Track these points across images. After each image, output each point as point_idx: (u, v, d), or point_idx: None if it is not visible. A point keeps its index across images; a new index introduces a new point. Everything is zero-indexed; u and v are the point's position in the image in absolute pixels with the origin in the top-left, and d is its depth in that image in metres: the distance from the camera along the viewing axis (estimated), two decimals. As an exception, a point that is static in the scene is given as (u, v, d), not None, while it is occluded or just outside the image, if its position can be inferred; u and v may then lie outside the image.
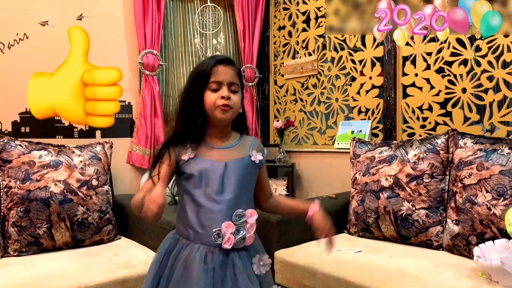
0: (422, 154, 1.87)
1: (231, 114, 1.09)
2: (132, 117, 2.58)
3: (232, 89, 1.09)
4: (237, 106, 1.10)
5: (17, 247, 1.75)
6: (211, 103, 1.06)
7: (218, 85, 1.07)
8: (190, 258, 1.04)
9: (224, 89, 1.07)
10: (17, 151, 1.85)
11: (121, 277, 1.55)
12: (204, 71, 1.07)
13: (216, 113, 1.07)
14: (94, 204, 1.92)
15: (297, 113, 3.00)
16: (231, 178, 1.08)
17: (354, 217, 2.02)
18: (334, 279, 1.54)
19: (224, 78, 1.07)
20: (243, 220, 1.07)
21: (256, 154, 1.14)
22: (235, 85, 1.09)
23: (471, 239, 1.61)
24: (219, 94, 1.06)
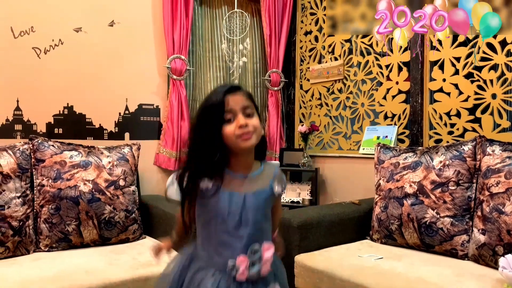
0: (448, 161, 1.83)
1: (255, 139, 1.04)
2: (160, 120, 2.65)
3: (247, 112, 1.03)
4: (258, 129, 1.05)
5: (48, 242, 1.84)
6: (230, 134, 1.01)
7: (232, 115, 1.02)
8: (204, 282, 1.02)
9: (239, 117, 1.01)
10: (50, 151, 1.94)
11: (144, 275, 1.59)
12: (215, 105, 1.02)
13: (239, 144, 1.02)
14: (121, 203, 1.99)
15: (322, 117, 3.00)
16: (250, 211, 1.04)
17: (377, 224, 1.99)
18: (353, 285, 1.53)
19: (236, 105, 1.02)
20: (259, 255, 1.03)
21: (277, 185, 1.10)
22: (249, 109, 1.04)
23: (497, 249, 1.56)
24: (236, 124, 1.01)
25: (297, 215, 1.94)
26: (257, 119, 1.05)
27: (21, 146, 1.89)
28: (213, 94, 1.05)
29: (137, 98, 2.56)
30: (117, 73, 2.48)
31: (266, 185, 1.08)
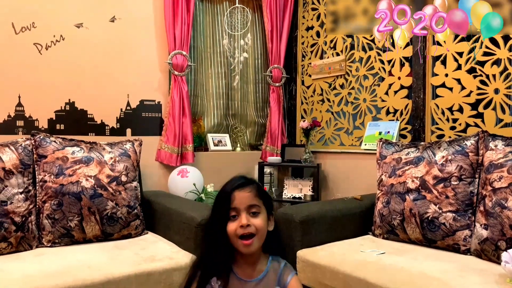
0: (450, 156, 1.83)
1: (256, 245, 1.05)
2: (161, 116, 2.65)
3: (252, 211, 1.04)
4: (262, 229, 1.05)
5: (51, 238, 1.84)
6: (232, 233, 1.04)
7: (236, 213, 1.04)
8: None
9: (242, 216, 1.03)
10: (51, 147, 1.94)
11: (147, 270, 1.59)
12: (223, 200, 1.05)
13: (239, 247, 1.04)
14: (123, 199, 1.99)
15: (324, 113, 2.99)
16: None
17: (379, 219, 1.99)
18: (355, 279, 1.53)
19: (241, 204, 1.03)
20: None
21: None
22: (255, 207, 1.05)
23: (500, 244, 1.56)
24: (238, 223, 1.03)
25: (299, 211, 1.94)
26: (262, 219, 1.04)
27: (23, 142, 1.89)
28: (225, 187, 1.07)
29: (139, 94, 2.56)
30: (119, 69, 2.48)
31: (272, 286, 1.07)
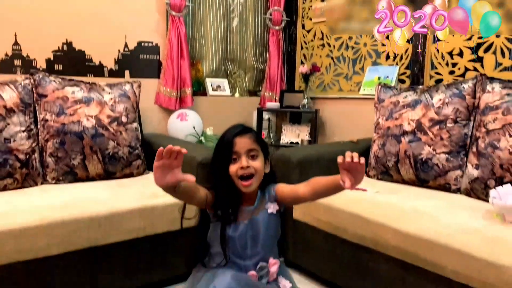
0: (448, 99, 1.85)
1: (254, 185, 1.16)
2: (159, 58, 2.63)
3: (251, 154, 1.15)
4: (259, 170, 1.15)
5: (55, 175, 1.89)
6: (233, 173, 1.14)
7: (237, 156, 1.14)
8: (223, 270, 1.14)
9: (242, 159, 1.13)
10: (51, 87, 1.94)
11: (150, 205, 1.66)
12: (225, 145, 1.15)
13: (240, 186, 1.15)
14: (124, 139, 2.02)
15: (324, 58, 2.97)
16: (254, 236, 1.17)
17: (374, 161, 2.05)
18: (349, 214, 1.61)
19: (241, 148, 1.14)
20: (266, 270, 1.19)
21: (271, 204, 1.21)
22: (254, 151, 1.15)
23: (489, 183, 1.62)
24: (238, 165, 1.13)
25: (296, 152, 1.99)
26: (260, 161, 1.16)
27: (22, 81, 1.89)
28: (225, 134, 1.17)
29: (136, 35, 2.52)
30: (116, 9, 2.42)
31: (263, 209, 1.20)
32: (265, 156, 1.20)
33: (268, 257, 1.20)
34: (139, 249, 1.65)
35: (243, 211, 1.18)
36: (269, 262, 1.20)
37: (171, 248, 1.74)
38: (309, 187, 1.16)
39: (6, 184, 1.74)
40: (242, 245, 1.17)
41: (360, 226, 1.57)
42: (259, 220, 1.18)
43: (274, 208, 1.21)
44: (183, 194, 1.07)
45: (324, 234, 1.75)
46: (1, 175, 1.72)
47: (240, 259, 1.17)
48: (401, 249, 1.42)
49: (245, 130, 1.18)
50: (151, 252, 1.68)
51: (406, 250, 1.41)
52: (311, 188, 1.15)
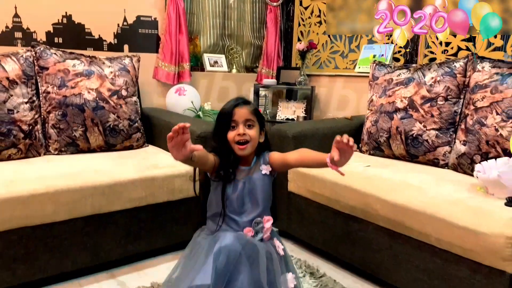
0: (439, 77, 1.91)
1: (249, 150, 1.28)
2: (158, 33, 2.64)
3: (248, 124, 1.27)
4: (254, 139, 1.28)
5: (57, 146, 1.94)
6: (231, 139, 1.27)
7: (235, 124, 1.27)
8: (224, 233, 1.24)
9: (240, 127, 1.26)
10: (52, 59, 1.97)
11: (150, 176, 1.73)
12: (225, 114, 1.28)
13: (236, 150, 1.27)
14: (124, 112, 2.07)
15: (321, 36, 3.00)
16: (250, 194, 1.29)
17: (367, 136, 2.12)
18: (342, 186, 1.69)
19: (240, 117, 1.26)
20: (261, 225, 1.30)
21: (265, 166, 1.33)
22: (250, 121, 1.28)
23: (475, 158, 1.70)
24: (236, 132, 1.26)
25: (292, 127, 2.05)
26: (255, 131, 1.29)
27: (24, 53, 1.92)
28: (226, 104, 1.30)
29: (135, 9, 2.53)
30: (114, -18, 2.42)
31: (258, 171, 1.32)
32: (260, 127, 1.32)
33: (263, 215, 1.31)
34: (140, 218, 1.73)
35: (241, 171, 1.31)
36: (264, 218, 1.31)
37: (170, 217, 1.82)
38: (297, 156, 1.30)
39: (11, 154, 1.80)
40: (240, 202, 1.28)
41: (351, 197, 1.65)
42: (255, 178, 1.30)
43: (267, 169, 1.32)
44: (198, 162, 1.19)
45: (317, 205, 1.83)
46: (6, 145, 1.77)
47: (237, 216, 1.27)
48: (389, 219, 1.51)
49: (245, 102, 1.30)
50: (152, 221, 1.76)
51: (394, 220, 1.50)
52: (299, 157, 1.30)
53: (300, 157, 1.30)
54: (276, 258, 1.30)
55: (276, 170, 1.36)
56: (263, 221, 1.30)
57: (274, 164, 1.34)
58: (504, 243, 1.20)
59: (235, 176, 1.29)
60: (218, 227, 1.27)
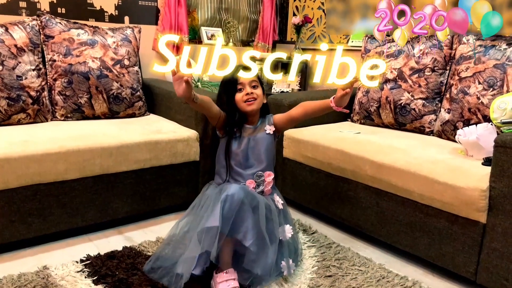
0: (427, 50, 2.02)
1: (256, 105, 1.43)
2: (157, 5, 2.70)
3: (253, 85, 1.42)
4: (260, 97, 1.43)
5: (63, 112, 2.03)
6: (239, 99, 1.42)
7: (242, 86, 1.41)
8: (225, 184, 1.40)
9: (247, 88, 1.41)
10: (58, 28, 2.04)
11: (154, 140, 1.83)
12: (231, 79, 1.41)
13: (244, 107, 1.41)
14: (127, 81, 2.15)
15: (316, 10, 3.07)
16: (254, 150, 1.45)
17: (358, 107, 2.24)
18: (334, 150, 1.81)
19: (245, 80, 1.40)
20: (262, 179, 1.45)
21: (269, 127, 1.48)
22: (254, 82, 1.43)
23: (458, 125, 1.83)
24: (244, 92, 1.41)
25: (287, 96, 2.16)
26: (260, 90, 1.44)
27: (30, 22, 1.98)
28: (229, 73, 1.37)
29: (135, -19, 2.59)
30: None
31: (263, 131, 1.48)
32: (263, 90, 1.47)
33: (265, 170, 1.46)
34: (145, 179, 1.84)
35: (246, 129, 1.45)
36: (265, 172, 1.46)
37: (172, 179, 1.93)
38: (301, 109, 1.48)
39: (20, 119, 1.89)
40: (244, 157, 1.43)
41: (342, 160, 1.78)
42: (259, 137, 1.46)
43: (271, 129, 1.47)
44: (201, 105, 1.34)
45: (310, 169, 1.96)
46: (16, 110, 1.86)
47: (242, 169, 1.42)
48: (376, 178, 1.64)
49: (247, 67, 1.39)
50: (156, 182, 1.88)
51: (380, 179, 1.63)
52: (303, 110, 1.47)
53: (304, 109, 1.47)
54: (274, 210, 1.44)
55: (280, 129, 1.52)
56: (264, 175, 1.44)
57: (278, 124, 1.50)
58: (478, 195, 1.34)
59: (241, 133, 1.43)
60: (225, 180, 1.41)
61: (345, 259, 1.61)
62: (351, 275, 1.50)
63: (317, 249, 1.68)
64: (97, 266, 1.46)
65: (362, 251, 1.70)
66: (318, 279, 1.47)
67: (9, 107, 1.83)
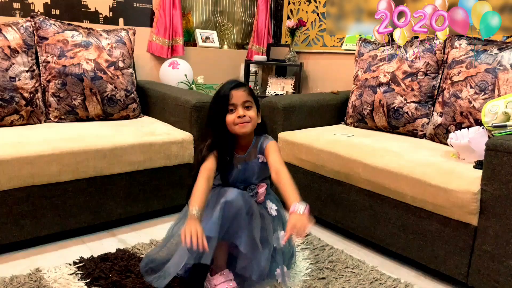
0: (420, 54, 2.04)
1: (250, 127, 1.33)
2: (152, 7, 2.70)
3: (246, 105, 1.32)
4: (254, 119, 1.34)
5: (57, 114, 2.03)
6: (230, 122, 1.32)
7: (234, 107, 1.31)
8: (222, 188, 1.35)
9: (239, 109, 1.31)
10: (52, 30, 2.04)
11: (148, 142, 1.83)
12: (222, 98, 1.31)
13: (236, 130, 1.32)
14: (121, 83, 2.15)
15: (310, 14, 3.09)
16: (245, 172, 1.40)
17: (352, 110, 2.25)
18: (327, 153, 1.82)
19: (238, 100, 1.31)
20: (255, 191, 1.43)
21: (261, 156, 1.41)
22: (248, 102, 1.33)
23: (450, 128, 1.85)
24: (235, 114, 1.31)
25: (282, 99, 2.17)
26: (254, 111, 1.35)
27: (24, 23, 1.98)
28: (222, 88, 1.34)
29: (130, -17, 2.59)
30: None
31: (254, 158, 1.41)
32: (257, 108, 1.39)
33: (258, 183, 1.44)
34: (139, 181, 1.84)
35: (237, 158, 1.40)
36: (258, 185, 1.44)
37: (166, 181, 1.93)
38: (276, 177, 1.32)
39: (13, 120, 1.88)
40: (235, 183, 1.41)
41: (336, 163, 1.78)
42: (252, 165, 1.41)
43: (264, 158, 1.42)
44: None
45: (304, 171, 1.96)
46: (9, 111, 1.85)
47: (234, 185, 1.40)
48: (370, 181, 1.65)
49: (240, 84, 1.36)
50: (149, 184, 1.87)
51: (373, 182, 1.64)
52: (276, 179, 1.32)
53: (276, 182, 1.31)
54: (268, 218, 1.43)
55: None
56: (257, 187, 1.43)
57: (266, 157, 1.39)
58: (470, 198, 1.35)
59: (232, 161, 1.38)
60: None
61: (338, 261, 1.62)
62: (344, 277, 1.51)
63: (310, 252, 1.69)
64: (90, 269, 1.46)
65: (355, 254, 1.71)
66: (311, 281, 1.47)
67: (2, 109, 1.83)
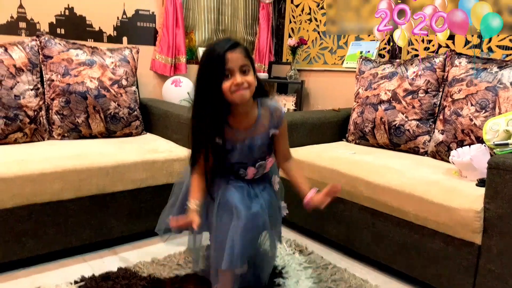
0: (421, 72, 2.06)
1: (248, 93, 1.17)
2: (155, 26, 2.75)
3: (243, 70, 1.15)
4: (253, 84, 1.18)
5: (60, 132, 2.04)
6: (227, 89, 1.15)
7: (230, 72, 1.14)
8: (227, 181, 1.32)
9: (236, 76, 1.14)
10: (57, 49, 2.07)
11: (151, 159, 1.84)
12: (217, 61, 1.13)
13: (234, 98, 1.16)
14: (124, 101, 2.17)
15: (311, 32, 3.13)
16: (254, 151, 1.28)
17: (353, 127, 2.26)
18: (329, 170, 1.82)
19: (234, 64, 1.14)
20: (264, 166, 1.35)
21: (274, 130, 1.30)
22: (245, 66, 1.16)
23: (452, 146, 1.85)
24: (232, 81, 1.14)
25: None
26: (251, 75, 1.17)
27: (29, 42, 2.01)
28: (214, 49, 1.15)
29: (134, 3, 2.64)
30: (114, -23, 2.52)
31: (266, 130, 1.28)
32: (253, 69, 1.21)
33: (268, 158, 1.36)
34: (141, 198, 1.84)
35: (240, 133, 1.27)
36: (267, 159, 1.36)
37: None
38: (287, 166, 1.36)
39: (17, 138, 1.89)
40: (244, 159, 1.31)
41: (338, 180, 1.78)
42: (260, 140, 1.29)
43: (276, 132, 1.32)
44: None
45: (306, 189, 1.96)
46: (13, 129, 1.86)
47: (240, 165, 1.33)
48: (372, 199, 1.65)
49: (236, 44, 1.17)
50: (152, 201, 1.87)
51: (376, 199, 1.64)
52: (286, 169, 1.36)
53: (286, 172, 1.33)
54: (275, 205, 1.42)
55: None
56: (266, 162, 1.36)
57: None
58: (473, 216, 1.35)
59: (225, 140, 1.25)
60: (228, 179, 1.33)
61: (342, 280, 1.60)
62: (347, 296, 1.49)
63: (313, 270, 1.68)
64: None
65: (358, 272, 1.70)
66: (314, 300, 1.46)
67: (6, 126, 1.84)
